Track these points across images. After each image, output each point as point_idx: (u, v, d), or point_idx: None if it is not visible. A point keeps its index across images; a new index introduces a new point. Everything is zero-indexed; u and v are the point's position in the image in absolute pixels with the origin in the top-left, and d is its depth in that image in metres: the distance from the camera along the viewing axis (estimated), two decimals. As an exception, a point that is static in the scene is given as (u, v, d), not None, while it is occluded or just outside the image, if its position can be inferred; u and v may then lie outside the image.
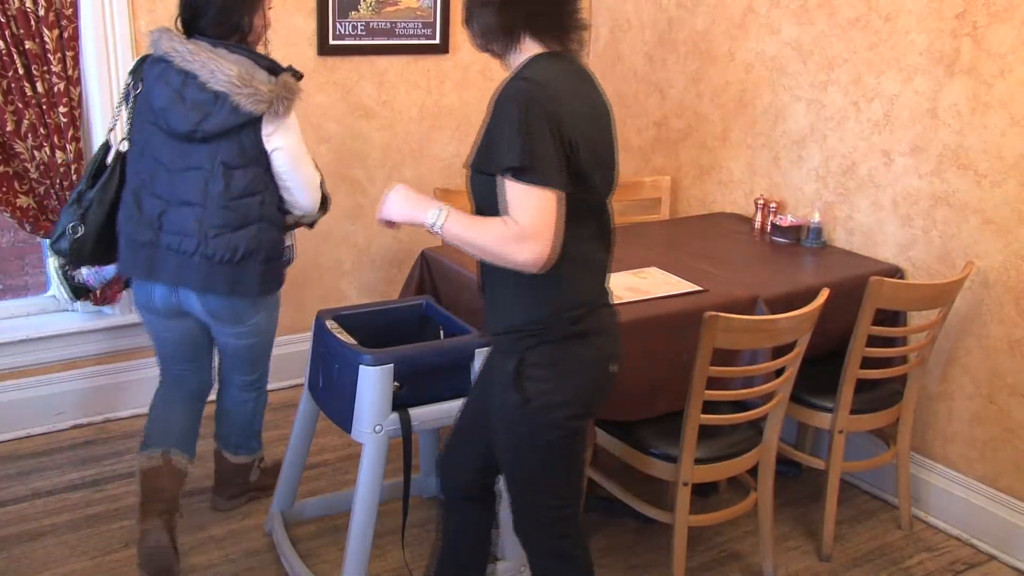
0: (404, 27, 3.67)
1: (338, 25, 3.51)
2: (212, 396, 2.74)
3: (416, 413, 2.27)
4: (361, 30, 3.56)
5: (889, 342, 2.79)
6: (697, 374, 2.30)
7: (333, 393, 2.34)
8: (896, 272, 2.96)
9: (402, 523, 2.42)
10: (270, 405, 2.90)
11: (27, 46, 2.89)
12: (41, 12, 2.88)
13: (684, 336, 2.44)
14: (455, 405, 2.31)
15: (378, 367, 2.17)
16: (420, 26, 3.70)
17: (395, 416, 2.24)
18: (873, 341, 2.64)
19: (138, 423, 3.38)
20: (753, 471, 2.60)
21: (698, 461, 2.42)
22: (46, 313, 3.36)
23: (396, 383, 2.23)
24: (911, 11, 2.85)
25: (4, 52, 2.86)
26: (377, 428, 2.22)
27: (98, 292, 3.13)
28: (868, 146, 3.04)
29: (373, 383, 2.19)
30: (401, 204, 1.82)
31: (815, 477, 3.13)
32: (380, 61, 3.65)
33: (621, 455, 2.53)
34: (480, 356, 2.33)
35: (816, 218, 3.15)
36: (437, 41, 3.75)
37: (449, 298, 2.82)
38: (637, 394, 2.48)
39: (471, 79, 3.91)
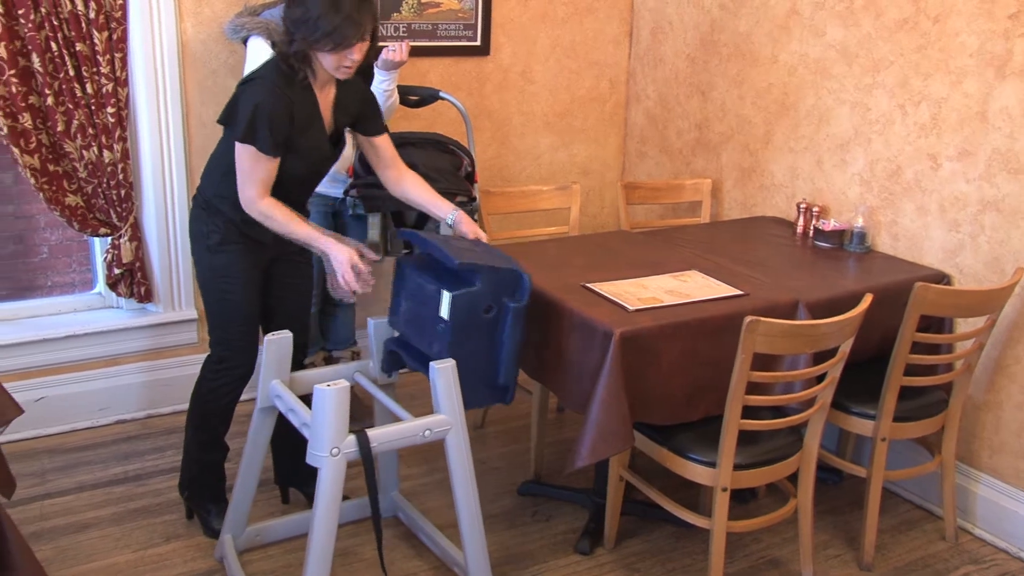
0: (446, 29, 3.69)
1: (380, 26, 3.53)
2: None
3: (375, 434, 2.18)
4: (403, 32, 3.58)
5: (934, 349, 2.74)
6: (737, 378, 2.28)
7: (420, 322, 2.37)
8: (942, 278, 2.91)
9: (378, 545, 2.32)
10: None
11: (78, 48, 2.95)
12: (92, 15, 2.94)
13: (724, 340, 2.43)
14: (416, 425, 2.23)
15: (333, 388, 2.08)
16: (461, 28, 3.72)
17: (353, 439, 2.14)
18: (917, 348, 2.59)
19: (179, 420, 3.43)
20: (793, 477, 2.57)
21: (737, 466, 2.40)
22: (92, 310, 3.42)
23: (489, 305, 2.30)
24: (961, 12, 2.80)
25: (56, 55, 2.92)
26: (334, 451, 2.12)
27: None
28: (914, 150, 2.99)
29: (330, 405, 2.09)
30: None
31: (856, 485, 3.09)
32: (422, 63, 3.67)
33: (659, 459, 2.51)
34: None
35: (860, 223, 3.11)
36: (478, 43, 3.77)
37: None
38: (676, 398, 2.46)
39: (512, 81, 3.92)
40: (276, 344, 2.40)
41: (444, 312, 2.29)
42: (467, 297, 2.29)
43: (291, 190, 2.47)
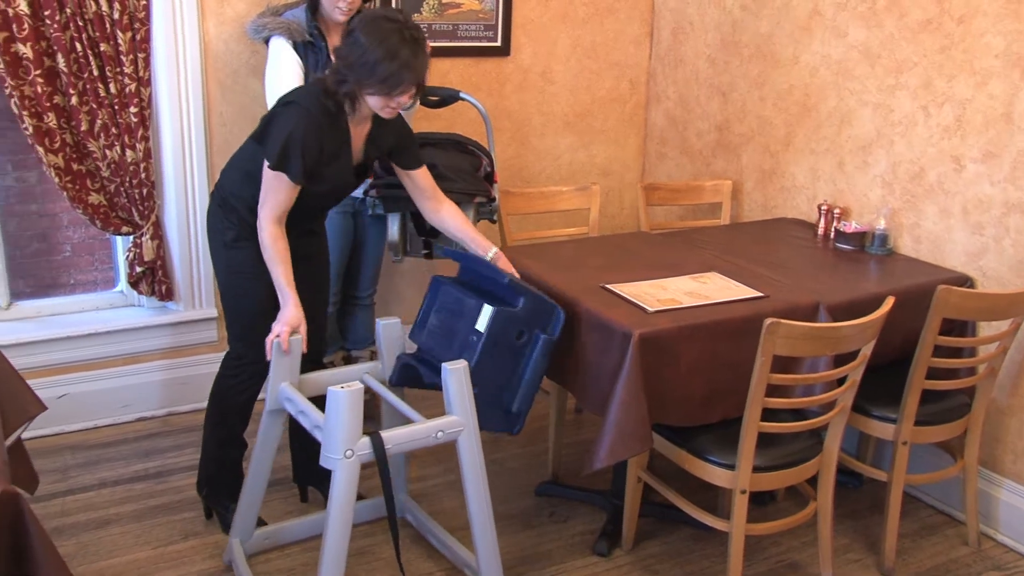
0: (466, 29, 3.69)
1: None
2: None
3: (389, 436, 2.16)
4: (423, 32, 3.58)
5: (957, 352, 2.72)
6: (757, 380, 2.27)
7: (451, 338, 2.38)
8: (965, 281, 2.88)
9: (395, 546, 2.33)
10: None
11: (102, 48, 2.97)
12: (116, 15, 2.96)
13: (744, 342, 2.41)
14: (428, 427, 2.22)
15: (347, 390, 2.06)
16: (482, 28, 3.72)
17: (367, 440, 2.13)
18: (940, 351, 2.57)
19: (199, 418, 3.45)
20: (812, 481, 2.56)
21: (756, 469, 2.39)
22: (114, 308, 3.45)
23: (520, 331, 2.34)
24: (987, 13, 2.77)
25: (81, 55, 2.95)
26: (348, 453, 2.10)
27: None
28: (937, 152, 2.97)
29: (343, 407, 2.07)
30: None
31: (877, 489, 3.06)
32: (442, 63, 3.68)
33: (678, 461, 2.51)
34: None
35: (881, 225, 3.08)
36: (499, 43, 3.77)
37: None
38: (695, 400, 2.45)
39: (531, 81, 3.92)
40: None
41: (481, 325, 2.32)
42: (506, 315, 2.33)
43: (309, 207, 2.51)
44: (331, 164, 2.43)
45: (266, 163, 2.35)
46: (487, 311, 2.32)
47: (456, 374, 2.23)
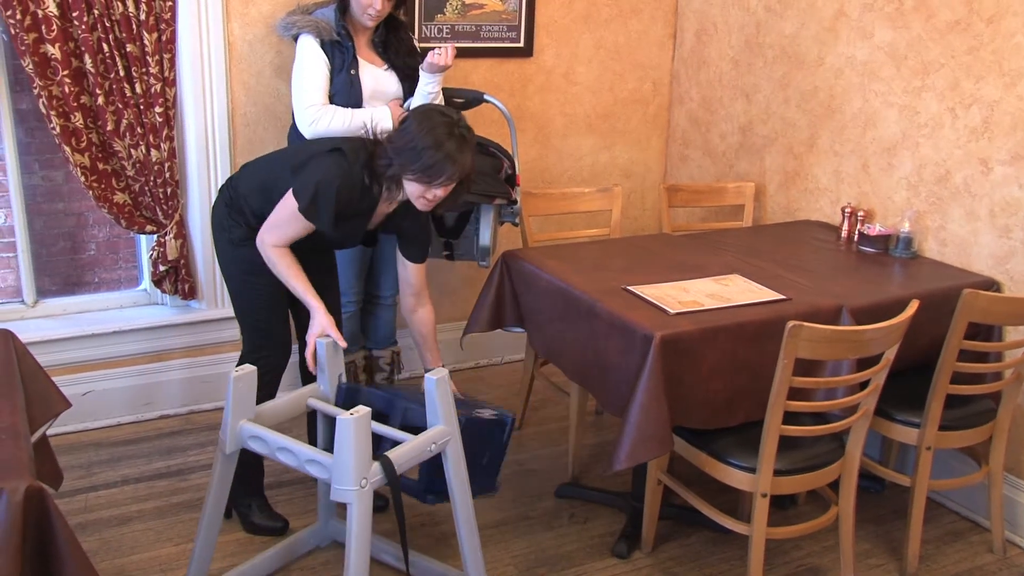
0: (489, 30, 3.69)
1: (424, 28, 3.55)
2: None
3: (395, 456, 2.09)
4: (446, 33, 3.60)
5: (982, 357, 2.69)
6: (778, 383, 2.26)
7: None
8: (992, 285, 2.85)
9: (405, 562, 2.29)
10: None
11: (128, 49, 3.00)
12: (143, 16, 2.99)
13: (766, 345, 2.40)
14: (423, 441, 2.18)
15: (355, 416, 1.97)
16: (505, 29, 3.72)
17: (377, 466, 2.06)
18: (965, 356, 2.54)
19: (220, 416, 3.47)
20: (834, 485, 2.54)
21: (777, 472, 2.37)
22: (138, 306, 3.48)
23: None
24: (1017, 13, 2.74)
25: (107, 55, 2.98)
26: (363, 483, 2.01)
27: None
28: (964, 154, 2.94)
29: (353, 435, 1.97)
30: None
31: (899, 494, 3.03)
32: (465, 64, 3.68)
33: (698, 464, 2.49)
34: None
35: (906, 228, 3.06)
36: (521, 44, 3.77)
37: (526, 300, 2.83)
38: (717, 402, 2.44)
39: (554, 83, 3.91)
40: (243, 381, 2.22)
41: (486, 414, 2.38)
42: (497, 431, 2.41)
43: (311, 245, 2.53)
44: (348, 220, 2.47)
45: (295, 200, 2.39)
46: (495, 411, 2.43)
47: (440, 384, 2.19)
